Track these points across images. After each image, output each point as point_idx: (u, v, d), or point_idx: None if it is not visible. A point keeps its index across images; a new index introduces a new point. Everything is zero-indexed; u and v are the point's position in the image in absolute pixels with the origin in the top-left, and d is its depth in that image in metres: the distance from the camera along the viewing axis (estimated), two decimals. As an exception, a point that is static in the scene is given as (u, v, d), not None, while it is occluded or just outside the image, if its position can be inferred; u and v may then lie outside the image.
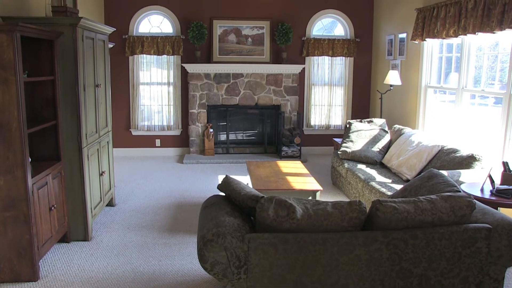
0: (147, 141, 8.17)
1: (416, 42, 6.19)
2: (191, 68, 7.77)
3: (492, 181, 3.80)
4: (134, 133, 8.08)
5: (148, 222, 4.84)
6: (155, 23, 8.02)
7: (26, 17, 4.10)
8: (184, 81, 7.99)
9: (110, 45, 6.42)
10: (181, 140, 8.23)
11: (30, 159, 3.44)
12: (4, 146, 3.26)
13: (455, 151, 4.67)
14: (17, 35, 3.17)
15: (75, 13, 4.29)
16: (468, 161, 4.38)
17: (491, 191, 3.74)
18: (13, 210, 3.35)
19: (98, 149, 4.69)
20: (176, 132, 8.18)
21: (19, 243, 3.40)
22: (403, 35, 6.90)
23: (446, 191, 2.86)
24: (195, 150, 8.05)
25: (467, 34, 4.97)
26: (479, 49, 5.27)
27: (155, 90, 8.07)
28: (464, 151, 4.56)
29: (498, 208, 3.60)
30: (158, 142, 8.19)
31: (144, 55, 7.84)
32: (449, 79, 5.89)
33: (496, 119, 4.82)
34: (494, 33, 4.52)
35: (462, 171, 4.26)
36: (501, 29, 4.39)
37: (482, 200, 3.50)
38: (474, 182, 4.08)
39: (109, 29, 5.03)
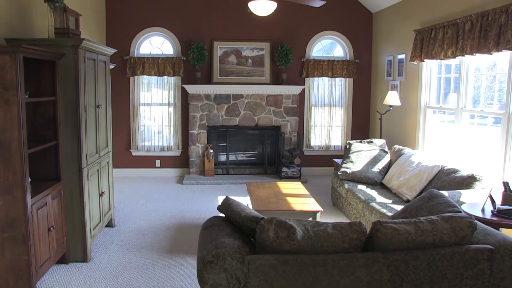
0: (147, 162, 8.17)
1: (415, 63, 6.25)
2: (191, 89, 7.82)
3: (493, 202, 3.79)
4: (134, 153, 8.09)
5: (147, 243, 4.80)
6: (156, 44, 8.10)
7: (29, 38, 4.15)
8: (185, 102, 8.03)
9: (111, 66, 6.48)
10: (181, 161, 8.23)
11: (30, 179, 3.44)
12: (4, 166, 3.26)
13: (455, 171, 4.67)
14: (20, 56, 3.20)
15: (77, 35, 4.34)
16: (468, 181, 4.38)
17: (492, 212, 3.72)
18: (12, 230, 3.33)
19: (98, 170, 4.69)
20: (176, 153, 8.18)
21: (16, 265, 3.37)
22: (402, 56, 6.97)
23: (446, 212, 2.84)
24: (195, 171, 8.04)
25: (465, 55, 5.02)
26: (477, 69, 5.31)
27: (155, 111, 8.10)
28: (464, 171, 4.55)
29: (500, 228, 3.58)
30: (158, 162, 8.19)
31: (145, 76, 7.90)
32: (448, 99, 5.92)
33: (495, 138, 4.83)
34: (491, 54, 4.57)
35: (462, 191, 4.25)
36: (498, 50, 4.43)
37: (483, 220, 3.48)
38: (474, 202, 4.06)
39: (111, 50, 5.08)
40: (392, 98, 6.73)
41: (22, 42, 3.77)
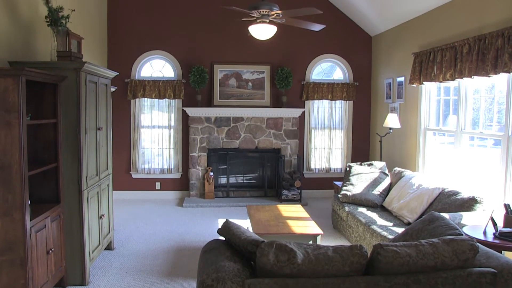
0: (147, 184, 8.16)
1: (414, 85, 6.30)
2: (192, 111, 7.86)
3: (494, 224, 3.76)
4: (134, 176, 8.08)
5: (147, 267, 4.76)
6: (157, 67, 8.18)
7: (32, 61, 4.20)
8: (185, 125, 8.06)
9: (113, 89, 6.53)
10: (181, 183, 8.21)
11: (29, 201, 3.42)
12: (4, 188, 3.26)
13: (456, 193, 4.65)
14: (23, 79, 3.23)
15: (79, 58, 4.39)
16: (469, 204, 4.36)
17: (494, 234, 3.70)
18: (10, 253, 3.30)
19: (98, 192, 4.68)
20: (176, 175, 8.17)
21: (14, 288, 3.33)
22: (401, 79, 7.03)
23: (448, 234, 2.83)
24: (195, 194, 8.01)
25: (464, 78, 5.06)
26: (476, 91, 5.35)
27: (156, 133, 8.13)
28: (465, 193, 4.54)
29: (503, 251, 3.55)
30: (158, 185, 8.17)
31: (146, 98, 7.96)
32: (448, 121, 5.95)
33: (495, 160, 4.83)
34: (489, 76, 4.61)
35: (463, 213, 4.23)
36: (496, 73, 4.47)
37: (485, 243, 3.46)
38: (476, 224, 4.04)
39: (112, 73, 5.13)
40: (392, 121, 6.76)
41: (25, 65, 3.82)
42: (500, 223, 3.88)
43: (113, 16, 7.86)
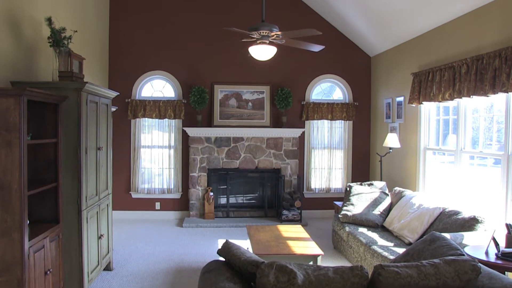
0: (147, 204, 8.12)
1: (413, 105, 6.33)
2: (192, 131, 7.88)
3: (496, 244, 3.74)
4: (134, 195, 8.05)
5: (145, 288, 4.71)
6: (157, 87, 8.23)
7: (34, 81, 4.23)
8: (185, 145, 8.07)
9: (113, 109, 6.56)
10: (181, 204, 8.18)
11: (28, 221, 3.41)
12: (3, 208, 3.24)
13: (456, 213, 4.63)
14: (24, 99, 3.25)
15: (81, 78, 4.43)
16: (470, 223, 4.33)
17: (496, 255, 3.67)
18: (6, 274, 3.26)
19: (97, 212, 4.66)
20: (176, 195, 8.15)
21: (10, 311, 3.29)
22: (401, 99, 7.06)
23: (449, 255, 2.81)
24: (195, 214, 7.98)
25: (462, 97, 5.09)
26: (475, 110, 5.37)
27: (156, 153, 8.13)
28: (466, 213, 4.52)
29: (505, 272, 3.52)
30: (158, 205, 8.14)
31: (146, 118, 7.99)
32: (447, 141, 5.96)
33: (496, 179, 4.82)
34: (488, 96, 4.64)
35: (465, 233, 4.20)
36: (494, 92, 4.50)
37: (487, 264, 3.43)
38: (478, 245, 4.01)
39: (113, 93, 5.16)
40: (392, 140, 6.77)
41: (26, 85, 3.85)
42: (502, 243, 3.85)
43: (115, 36, 7.94)
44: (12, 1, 4.10)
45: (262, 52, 5.28)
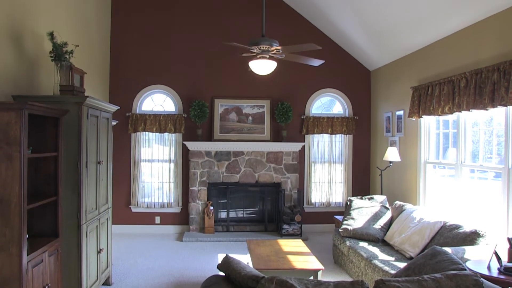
0: (146, 218, 8.09)
1: (413, 119, 6.34)
2: (192, 145, 7.89)
3: (498, 259, 3.71)
4: (134, 209, 8.03)
5: (144, 303, 4.67)
6: (158, 101, 8.26)
7: (35, 95, 4.25)
8: (185, 159, 8.07)
9: (114, 122, 6.57)
10: (181, 218, 8.15)
11: (27, 235, 3.39)
12: (2, 222, 3.23)
13: (458, 227, 4.61)
14: (25, 113, 3.26)
15: (82, 92, 4.45)
16: (472, 237, 4.31)
17: (498, 269, 3.64)
18: (5, 289, 3.25)
19: (97, 226, 4.64)
20: (176, 210, 8.12)
21: (7, 326, 3.26)
22: (400, 112, 7.08)
23: (451, 269, 2.79)
24: (195, 228, 7.94)
25: (462, 111, 5.10)
26: (475, 124, 5.38)
27: (156, 167, 8.13)
28: (467, 227, 4.50)
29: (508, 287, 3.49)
30: (157, 219, 8.11)
31: (147, 132, 8.00)
32: (448, 154, 5.96)
33: (497, 192, 4.80)
34: (487, 110, 4.65)
35: (466, 247, 4.17)
36: (493, 106, 4.52)
37: (490, 278, 3.40)
38: (479, 259, 3.98)
39: (113, 107, 5.17)
40: (392, 154, 6.77)
41: (28, 99, 3.86)
42: (504, 258, 3.83)
43: (116, 50, 8.00)
44: (15, 16, 4.14)
45: (262, 66, 5.31)
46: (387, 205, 6.18)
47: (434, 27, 5.72)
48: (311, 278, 4.48)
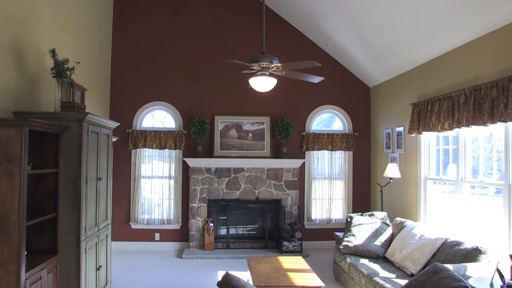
0: (146, 235, 8.05)
1: (413, 135, 6.35)
2: (192, 162, 7.89)
3: (501, 276, 3.67)
4: (133, 226, 7.99)
5: (143, 321, 4.62)
6: (158, 118, 8.29)
7: (36, 112, 4.26)
8: (185, 175, 8.06)
9: (114, 139, 6.59)
10: (181, 234, 8.11)
11: (26, 252, 3.37)
12: (0, 239, 3.21)
13: (459, 243, 4.58)
14: (26, 129, 3.27)
15: (83, 109, 4.47)
16: (473, 254, 4.28)
17: (501, 287, 3.60)
18: (2, 307, 3.22)
19: (96, 243, 4.61)
20: (176, 226, 8.08)
21: None
22: (400, 129, 7.10)
23: (453, 287, 2.77)
24: (194, 245, 7.89)
25: (462, 127, 5.11)
26: (475, 139, 5.39)
27: (156, 184, 8.12)
28: (468, 244, 4.47)
29: (511, 305, 3.45)
30: (157, 236, 8.07)
31: (147, 148, 8.00)
32: (448, 170, 5.95)
33: (498, 208, 4.79)
34: (486, 126, 4.66)
35: (468, 264, 4.14)
36: (493, 122, 4.53)
37: (492, 296, 3.37)
38: (482, 276, 3.94)
39: (114, 124, 5.19)
40: (392, 171, 6.76)
41: (29, 115, 3.89)
42: (507, 275, 3.80)
43: (117, 67, 8.05)
44: (18, 33, 4.19)
45: (263, 83, 5.34)
46: (388, 222, 6.15)
47: (433, 44, 5.77)
48: (312, 295, 4.45)
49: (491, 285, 3.68)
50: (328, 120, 8.67)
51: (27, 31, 4.39)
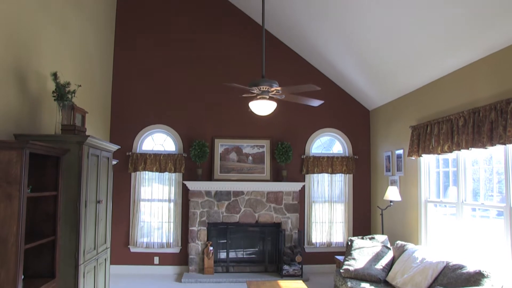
0: (145, 258, 7.96)
1: (413, 158, 6.36)
2: (192, 185, 7.87)
3: (503, 300, 3.63)
4: (132, 249, 7.91)
5: None
6: (158, 141, 8.30)
7: (36, 134, 4.28)
8: (185, 198, 8.03)
9: (114, 162, 6.59)
10: (180, 258, 8.02)
11: (23, 276, 3.33)
12: (-2, 262, 3.18)
13: (461, 267, 4.53)
14: (27, 152, 3.28)
15: (83, 131, 4.48)
16: (476, 278, 4.23)
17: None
18: (-2, 332, 3.16)
19: (95, 266, 4.57)
20: (176, 250, 8.01)
21: None
22: (400, 152, 7.11)
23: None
24: (194, 269, 7.81)
25: (461, 150, 5.12)
26: (475, 162, 5.39)
27: (155, 207, 8.08)
28: (470, 267, 4.42)
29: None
30: (156, 259, 7.98)
31: (147, 171, 7.99)
32: (448, 193, 5.93)
33: (499, 231, 4.75)
34: (486, 148, 4.67)
35: (470, 288, 4.10)
36: (492, 144, 4.54)
37: (494, 320, 3.32)
38: (484, 300, 3.90)
39: (114, 147, 5.20)
40: (392, 193, 6.74)
41: (29, 138, 3.90)
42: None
43: (117, 90, 8.11)
44: (20, 57, 4.24)
45: (262, 107, 5.36)
46: (389, 245, 6.10)
47: (432, 67, 5.83)
48: (313, 320, 4.38)
49: (495, 309, 3.63)
50: (328, 143, 8.69)
51: (29, 55, 4.45)
